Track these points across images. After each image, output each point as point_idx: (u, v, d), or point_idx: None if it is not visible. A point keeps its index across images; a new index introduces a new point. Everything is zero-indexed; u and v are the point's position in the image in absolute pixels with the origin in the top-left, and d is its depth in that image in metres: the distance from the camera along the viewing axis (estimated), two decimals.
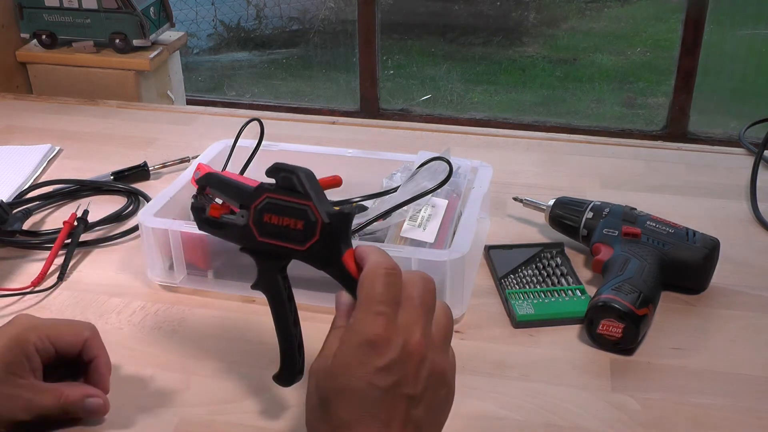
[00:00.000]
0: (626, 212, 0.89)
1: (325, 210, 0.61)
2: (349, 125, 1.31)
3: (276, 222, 0.62)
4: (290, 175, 0.62)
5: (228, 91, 3.36)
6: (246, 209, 0.63)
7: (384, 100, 2.83)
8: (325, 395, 0.54)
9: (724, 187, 1.08)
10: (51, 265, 0.90)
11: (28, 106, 1.39)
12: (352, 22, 2.72)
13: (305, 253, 0.61)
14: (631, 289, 0.78)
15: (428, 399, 0.55)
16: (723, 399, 0.72)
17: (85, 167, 1.14)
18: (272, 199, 0.62)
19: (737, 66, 2.95)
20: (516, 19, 3.38)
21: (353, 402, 0.53)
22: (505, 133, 1.27)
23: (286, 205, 0.62)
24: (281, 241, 0.62)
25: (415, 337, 0.54)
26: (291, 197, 0.62)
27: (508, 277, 0.88)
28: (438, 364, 0.56)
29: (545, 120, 2.82)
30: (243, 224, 0.63)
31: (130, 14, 1.60)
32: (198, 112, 1.37)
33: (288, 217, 0.61)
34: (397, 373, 0.53)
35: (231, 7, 3.80)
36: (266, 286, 0.65)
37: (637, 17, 3.53)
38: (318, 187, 0.63)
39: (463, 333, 0.81)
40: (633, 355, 0.77)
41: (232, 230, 0.64)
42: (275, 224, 0.62)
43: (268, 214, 0.62)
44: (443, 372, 0.57)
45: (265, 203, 0.63)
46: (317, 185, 0.63)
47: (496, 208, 1.01)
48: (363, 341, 0.53)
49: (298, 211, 0.61)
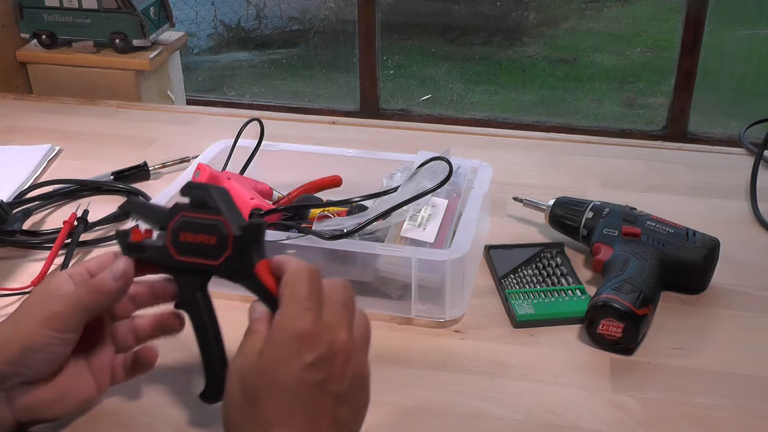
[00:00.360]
0: (626, 212, 0.89)
1: (236, 223, 0.62)
2: (349, 125, 1.31)
3: (191, 240, 0.63)
4: (202, 192, 0.64)
5: (228, 91, 3.36)
6: (164, 230, 0.65)
7: (384, 100, 2.83)
8: (252, 392, 0.54)
9: (724, 187, 1.08)
10: (51, 265, 0.90)
11: (28, 106, 1.39)
12: (352, 22, 2.72)
13: (220, 268, 0.63)
14: (631, 289, 0.78)
15: (352, 400, 0.56)
16: (723, 399, 0.72)
17: (85, 167, 1.14)
18: (186, 217, 0.64)
19: (737, 66, 2.95)
20: (516, 19, 3.38)
21: (282, 398, 0.53)
22: (505, 133, 1.27)
23: (200, 222, 0.63)
24: (197, 258, 0.63)
25: (341, 337, 0.55)
26: (203, 214, 0.63)
27: (508, 277, 0.88)
28: (360, 366, 0.57)
29: (545, 120, 2.82)
30: (161, 245, 0.65)
31: (130, 14, 1.60)
32: (198, 112, 1.37)
33: (202, 233, 0.63)
34: (324, 370, 0.54)
35: (231, 7, 3.80)
36: (186, 305, 0.66)
37: (637, 17, 3.53)
38: (231, 203, 0.64)
39: (463, 333, 0.81)
40: (633, 355, 0.77)
41: (152, 252, 0.65)
42: (190, 242, 0.63)
43: (183, 232, 0.64)
44: (365, 375, 0.58)
45: (180, 222, 0.64)
46: (230, 201, 0.64)
47: (496, 208, 1.01)
48: (292, 336, 0.54)
49: (210, 226, 0.63)
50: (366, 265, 0.81)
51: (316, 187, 0.97)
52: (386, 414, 0.71)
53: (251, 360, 0.55)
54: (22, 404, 0.62)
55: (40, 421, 0.65)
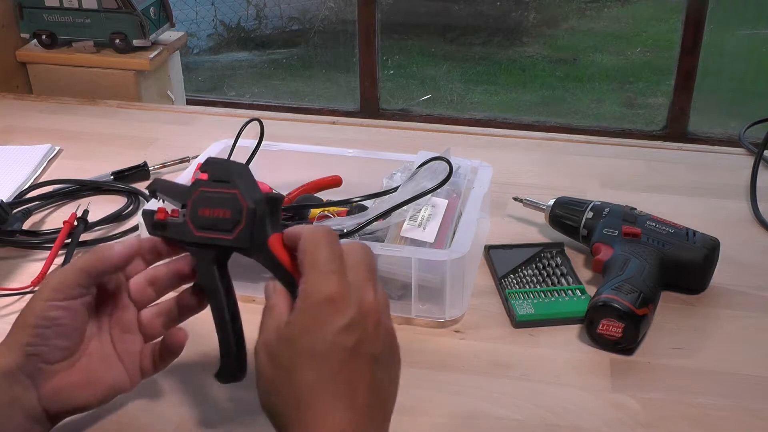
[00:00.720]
0: (626, 212, 0.89)
1: (251, 196, 0.62)
2: (349, 125, 1.31)
3: (208, 214, 0.64)
4: (220, 166, 0.64)
5: (228, 91, 3.36)
6: (185, 207, 0.65)
7: (384, 100, 2.83)
8: (285, 364, 0.53)
9: (724, 187, 1.08)
10: (51, 265, 0.90)
11: (28, 106, 1.39)
12: (352, 22, 2.72)
13: (234, 242, 0.63)
14: (631, 289, 0.78)
15: (385, 360, 0.55)
16: (723, 399, 0.72)
17: (85, 167, 1.14)
18: (204, 192, 0.64)
19: (737, 66, 2.95)
20: (516, 19, 3.38)
21: (318, 364, 0.52)
22: (505, 133, 1.27)
23: (217, 196, 0.63)
24: (214, 233, 0.63)
25: (369, 296, 0.55)
26: (220, 188, 0.63)
27: (508, 277, 0.88)
28: (389, 326, 0.56)
29: (545, 120, 2.82)
30: (182, 221, 0.65)
31: (130, 14, 1.60)
32: (198, 112, 1.37)
33: (219, 207, 0.63)
34: (357, 332, 0.53)
35: (231, 7, 3.80)
36: (204, 282, 0.66)
37: (637, 17, 3.53)
38: (249, 178, 0.64)
39: (463, 333, 0.81)
40: (633, 355, 0.77)
41: (174, 229, 0.66)
42: (208, 216, 0.64)
43: (202, 207, 0.64)
44: (393, 335, 0.57)
45: (199, 196, 0.64)
46: (249, 176, 0.64)
47: (496, 208, 1.01)
48: (321, 300, 0.53)
49: (226, 200, 0.63)
50: None
51: (316, 187, 0.97)
52: None
53: (277, 333, 0.54)
54: (49, 390, 0.62)
55: (68, 409, 0.64)
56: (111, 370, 0.65)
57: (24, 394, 0.61)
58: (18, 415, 0.61)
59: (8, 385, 0.60)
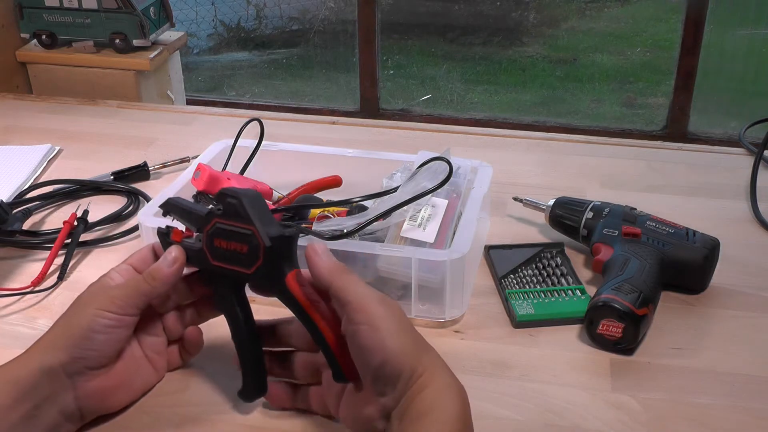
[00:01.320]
0: (626, 212, 0.89)
1: (267, 233, 0.63)
2: (349, 125, 1.31)
3: (225, 246, 0.65)
4: (234, 201, 0.64)
5: (228, 91, 3.36)
6: (201, 233, 0.66)
7: (384, 100, 2.83)
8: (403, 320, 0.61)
9: (724, 187, 1.08)
10: (51, 265, 0.90)
11: (28, 106, 1.39)
12: (352, 22, 2.72)
13: (252, 277, 0.64)
14: (631, 289, 0.78)
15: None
16: (723, 399, 0.72)
17: (85, 167, 1.14)
18: (220, 225, 0.65)
19: (737, 66, 2.95)
20: (516, 19, 3.37)
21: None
22: (505, 133, 1.27)
23: (232, 230, 0.64)
24: (231, 265, 0.65)
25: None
26: (236, 222, 0.64)
27: (508, 277, 0.88)
28: None
29: (545, 120, 2.82)
30: (198, 248, 0.67)
31: (130, 14, 1.60)
32: (198, 112, 1.37)
33: (234, 241, 0.64)
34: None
35: (231, 7, 3.80)
36: (223, 308, 0.68)
37: (637, 17, 3.52)
38: (263, 210, 0.65)
39: (463, 333, 0.81)
40: (633, 355, 0.77)
41: (190, 254, 0.67)
42: (224, 248, 0.65)
43: (218, 239, 0.65)
44: None
45: (214, 228, 0.65)
46: (263, 208, 0.65)
47: (496, 208, 1.01)
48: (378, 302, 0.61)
49: (242, 235, 0.64)
50: (366, 265, 0.81)
51: (316, 187, 0.97)
52: None
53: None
54: (86, 391, 0.65)
55: (101, 409, 0.67)
56: (141, 371, 0.70)
57: (62, 393, 0.64)
58: (54, 411, 0.63)
59: (49, 381, 0.63)
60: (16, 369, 0.63)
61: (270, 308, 0.71)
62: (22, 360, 0.64)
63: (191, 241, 0.68)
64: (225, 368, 0.74)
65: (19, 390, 0.61)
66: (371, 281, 0.83)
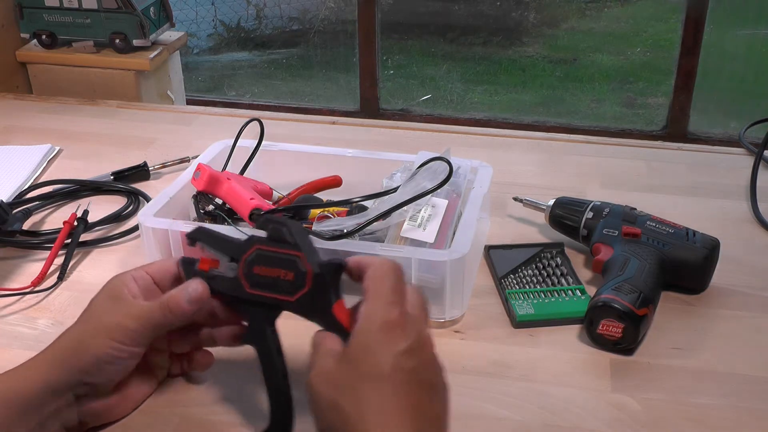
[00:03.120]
0: (626, 212, 0.89)
1: (315, 260, 0.62)
2: (349, 125, 1.31)
3: (266, 273, 0.63)
4: (280, 227, 0.63)
5: (228, 91, 3.36)
6: (235, 261, 0.65)
7: (384, 100, 2.83)
8: (348, 384, 0.54)
9: (724, 187, 1.08)
10: (51, 265, 0.90)
11: (28, 106, 1.39)
12: (352, 22, 2.72)
13: (294, 304, 0.62)
14: (631, 289, 0.78)
15: (441, 391, 0.57)
16: (723, 399, 0.72)
17: (85, 167, 1.14)
18: (262, 251, 0.64)
19: (737, 66, 2.95)
20: (516, 19, 3.37)
21: (382, 386, 0.53)
22: (505, 133, 1.27)
23: (276, 256, 0.63)
24: (271, 293, 0.63)
25: (426, 330, 0.57)
26: (281, 248, 0.63)
27: (508, 277, 0.88)
28: (441, 363, 0.58)
29: (545, 120, 2.82)
30: (232, 276, 0.65)
31: (130, 14, 1.60)
32: (198, 112, 1.37)
33: (278, 267, 0.63)
34: (417, 358, 0.54)
35: (231, 7, 3.80)
36: (255, 339, 0.65)
37: (637, 17, 3.52)
38: (308, 239, 0.64)
39: (463, 333, 0.81)
40: (633, 355, 0.77)
41: (222, 283, 0.65)
42: (265, 275, 0.63)
43: (258, 266, 0.64)
44: (445, 370, 0.58)
45: (255, 254, 0.64)
46: (307, 237, 0.64)
47: (496, 208, 1.01)
48: (382, 324, 0.55)
49: (288, 261, 0.62)
50: None
51: (316, 187, 0.97)
52: None
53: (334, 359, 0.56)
54: (90, 408, 0.66)
55: (102, 422, 0.68)
56: (144, 384, 0.70)
57: (66, 409, 0.64)
58: (57, 425, 0.64)
59: (54, 399, 0.63)
60: (23, 381, 0.63)
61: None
62: (29, 372, 0.63)
63: (220, 270, 0.66)
64: (225, 368, 0.74)
65: (26, 405, 0.62)
66: None
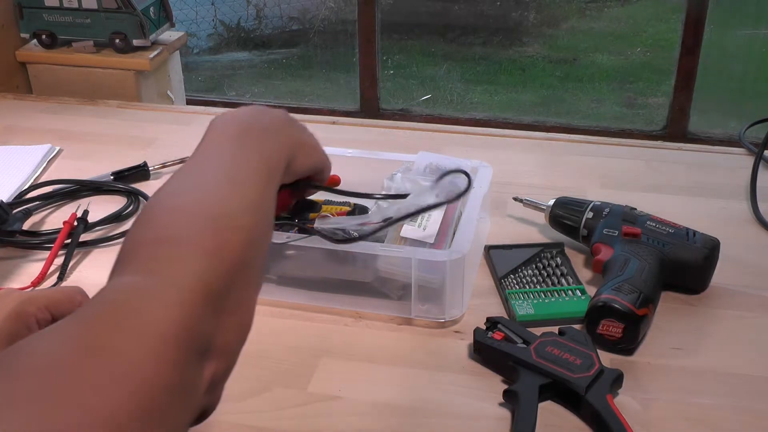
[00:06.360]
0: (626, 212, 0.89)
1: (602, 362, 0.73)
2: (350, 125, 1.31)
3: (556, 353, 0.73)
4: (579, 336, 0.75)
5: (228, 91, 3.36)
6: (526, 342, 0.75)
7: (384, 100, 2.82)
8: None
9: (724, 187, 1.08)
10: (51, 265, 0.90)
11: (28, 106, 1.39)
12: (352, 22, 2.72)
13: (574, 380, 0.70)
14: (631, 289, 0.78)
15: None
16: (723, 399, 0.72)
17: (85, 167, 1.14)
18: (558, 341, 0.75)
19: (737, 66, 2.95)
20: (516, 19, 3.37)
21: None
22: (505, 133, 1.27)
23: (570, 347, 0.74)
24: (554, 365, 0.72)
25: None
26: (576, 345, 0.74)
27: (508, 277, 0.88)
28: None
29: (545, 120, 2.81)
30: (520, 346, 0.75)
31: (130, 14, 1.60)
32: (198, 112, 1.37)
33: (569, 354, 0.73)
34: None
35: (231, 7, 3.80)
36: (523, 402, 0.70)
37: (637, 17, 3.52)
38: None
39: (463, 333, 0.81)
40: (633, 355, 0.77)
41: (508, 347, 0.75)
42: (553, 353, 0.73)
43: (550, 347, 0.74)
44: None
45: (551, 339, 0.75)
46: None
47: (496, 208, 1.01)
48: None
49: (580, 353, 0.73)
50: (366, 265, 0.81)
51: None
52: (386, 414, 0.71)
53: None
54: None
55: None
56: None
57: None
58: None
59: None
60: None
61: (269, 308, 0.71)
62: None
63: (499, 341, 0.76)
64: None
65: None
66: (371, 281, 0.83)
